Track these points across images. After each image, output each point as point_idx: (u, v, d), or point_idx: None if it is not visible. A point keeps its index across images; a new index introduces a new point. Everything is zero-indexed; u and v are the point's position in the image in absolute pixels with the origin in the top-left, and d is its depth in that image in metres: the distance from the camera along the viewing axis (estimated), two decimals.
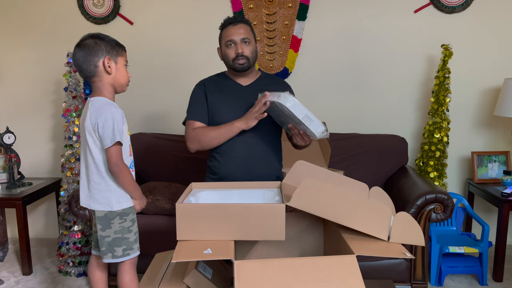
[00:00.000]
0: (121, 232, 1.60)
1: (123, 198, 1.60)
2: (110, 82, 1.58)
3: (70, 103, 2.61)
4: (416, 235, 1.41)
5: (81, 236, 2.60)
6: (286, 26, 2.86)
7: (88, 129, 1.54)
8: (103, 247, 1.60)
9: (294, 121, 1.71)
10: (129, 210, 1.62)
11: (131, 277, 1.63)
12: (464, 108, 2.87)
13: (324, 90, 2.94)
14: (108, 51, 1.55)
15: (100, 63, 1.54)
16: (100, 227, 1.59)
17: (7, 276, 2.60)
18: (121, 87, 1.63)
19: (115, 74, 1.58)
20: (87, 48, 1.54)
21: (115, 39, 1.62)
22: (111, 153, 1.53)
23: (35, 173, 3.13)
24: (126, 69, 1.63)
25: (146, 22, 2.94)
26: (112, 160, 1.53)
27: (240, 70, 1.94)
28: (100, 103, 1.55)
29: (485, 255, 2.37)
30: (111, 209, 1.57)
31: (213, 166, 2.00)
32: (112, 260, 1.60)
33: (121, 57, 1.60)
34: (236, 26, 1.90)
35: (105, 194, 1.58)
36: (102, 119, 1.51)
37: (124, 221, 1.60)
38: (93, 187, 1.59)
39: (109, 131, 1.51)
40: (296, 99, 1.61)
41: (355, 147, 2.70)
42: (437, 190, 2.13)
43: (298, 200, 1.38)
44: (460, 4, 2.75)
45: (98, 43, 1.55)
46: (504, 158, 2.77)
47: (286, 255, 1.66)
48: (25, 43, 3.01)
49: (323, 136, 1.69)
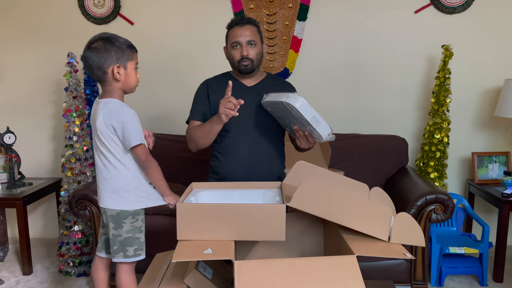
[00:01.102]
0: (133, 232, 1.60)
1: (139, 198, 1.60)
2: (120, 87, 1.58)
3: (70, 103, 2.61)
4: (417, 236, 1.41)
5: (81, 236, 2.60)
6: (287, 27, 2.87)
7: (101, 130, 1.54)
8: (115, 246, 1.60)
9: (300, 122, 1.70)
10: (140, 211, 1.63)
11: (129, 279, 1.64)
12: (464, 108, 2.87)
13: (324, 90, 2.94)
14: (118, 58, 1.53)
15: (109, 70, 1.53)
16: (113, 226, 1.59)
17: (7, 276, 2.60)
18: (130, 90, 1.63)
19: (124, 80, 1.57)
20: (96, 53, 1.53)
21: (125, 40, 1.58)
22: (139, 153, 1.55)
23: (35, 173, 3.13)
24: (136, 71, 1.61)
25: (147, 22, 2.94)
26: (142, 158, 1.56)
27: (244, 72, 1.94)
28: (113, 105, 1.55)
29: (485, 255, 2.37)
30: (124, 208, 1.57)
31: (215, 166, 2.00)
32: (123, 260, 1.60)
33: (131, 61, 1.58)
34: (242, 28, 1.89)
35: (122, 193, 1.57)
36: (119, 122, 1.51)
37: (136, 221, 1.61)
38: (107, 185, 1.59)
39: (133, 131, 1.52)
40: (305, 100, 1.60)
41: (355, 147, 2.70)
42: (437, 190, 2.13)
43: (298, 201, 1.38)
44: (460, 5, 2.75)
45: (108, 48, 1.52)
46: (504, 158, 2.77)
47: (286, 255, 1.66)
48: (26, 43, 3.02)
49: (329, 138, 1.67)
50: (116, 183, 1.58)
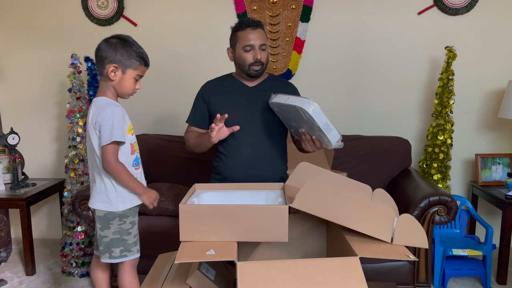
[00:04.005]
0: (120, 234, 1.60)
1: (125, 199, 1.61)
2: (113, 85, 1.60)
3: (74, 104, 2.62)
4: (420, 237, 1.41)
5: (84, 237, 2.60)
6: (290, 28, 2.87)
7: (90, 128, 1.57)
8: (101, 246, 1.62)
9: (310, 127, 1.68)
10: (129, 213, 1.62)
11: (130, 278, 1.64)
12: (468, 110, 2.86)
13: (327, 91, 2.94)
14: (120, 60, 1.55)
15: (107, 67, 1.56)
16: (100, 227, 1.61)
17: (10, 276, 2.61)
18: (122, 95, 1.64)
19: (118, 82, 1.59)
20: (107, 46, 1.56)
21: (141, 52, 1.60)
22: (105, 152, 1.54)
23: (39, 173, 3.14)
24: (134, 82, 1.61)
25: (150, 23, 2.95)
26: (105, 159, 1.54)
27: (254, 76, 1.93)
28: (102, 102, 1.58)
29: (489, 258, 2.36)
30: (111, 210, 1.58)
31: (218, 166, 2.00)
32: (109, 260, 1.62)
33: (132, 70, 1.59)
34: (255, 31, 1.87)
35: (107, 194, 1.59)
36: (101, 117, 1.53)
37: (124, 223, 1.61)
38: (96, 185, 1.60)
39: (106, 129, 1.52)
40: (319, 106, 1.58)
41: (358, 149, 2.70)
42: (440, 192, 2.12)
43: (301, 202, 1.38)
44: (464, 6, 2.74)
45: (117, 48, 1.55)
46: (508, 160, 2.76)
47: (289, 256, 1.66)
48: (30, 44, 3.03)
49: (338, 146, 1.65)
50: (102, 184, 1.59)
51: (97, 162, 1.59)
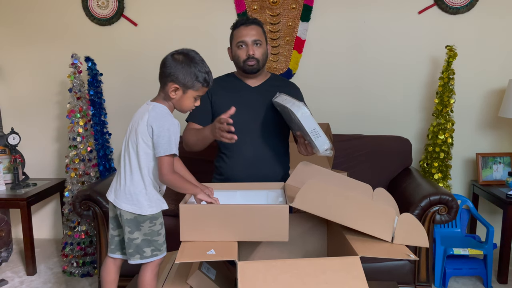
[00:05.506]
0: (151, 235, 1.59)
1: (153, 204, 1.59)
2: (172, 101, 1.60)
3: (74, 104, 2.62)
4: (420, 237, 1.41)
5: (85, 237, 2.61)
6: (290, 27, 2.87)
7: (141, 131, 1.54)
8: (131, 249, 1.58)
9: (302, 131, 1.68)
10: (159, 215, 1.61)
11: (152, 276, 1.62)
12: (468, 109, 2.86)
13: (327, 91, 2.93)
14: (183, 80, 1.54)
15: (169, 85, 1.55)
16: (129, 230, 1.57)
17: (11, 276, 2.61)
18: (180, 110, 1.64)
19: (178, 100, 1.58)
20: (172, 63, 1.55)
21: (206, 72, 1.57)
22: (162, 163, 1.52)
23: (39, 173, 3.14)
24: (193, 101, 1.61)
25: (150, 23, 2.95)
26: (162, 171, 1.53)
27: (249, 71, 1.93)
28: (162, 111, 1.56)
29: (489, 257, 2.36)
30: (141, 213, 1.57)
31: (220, 166, 2.00)
32: (140, 261, 1.59)
33: (193, 91, 1.57)
34: (248, 27, 1.88)
35: (136, 197, 1.56)
36: (159, 127, 1.52)
37: (154, 225, 1.59)
38: (125, 184, 1.58)
39: (164, 140, 1.51)
40: (308, 111, 1.57)
41: (359, 148, 2.70)
42: (441, 191, 2.12)
43: (301, 201, 1.38)
44: (464, 5, 2.74)
45: (183, 68, 1.53)
46: (509, 159, 2.75)
47: (290, 256, 1.66)
48: (30, 44, 3.03)
49: (326, 154, 1.63)
50: (133, 186, 1.57)
51: (134, 162, 1.57)
